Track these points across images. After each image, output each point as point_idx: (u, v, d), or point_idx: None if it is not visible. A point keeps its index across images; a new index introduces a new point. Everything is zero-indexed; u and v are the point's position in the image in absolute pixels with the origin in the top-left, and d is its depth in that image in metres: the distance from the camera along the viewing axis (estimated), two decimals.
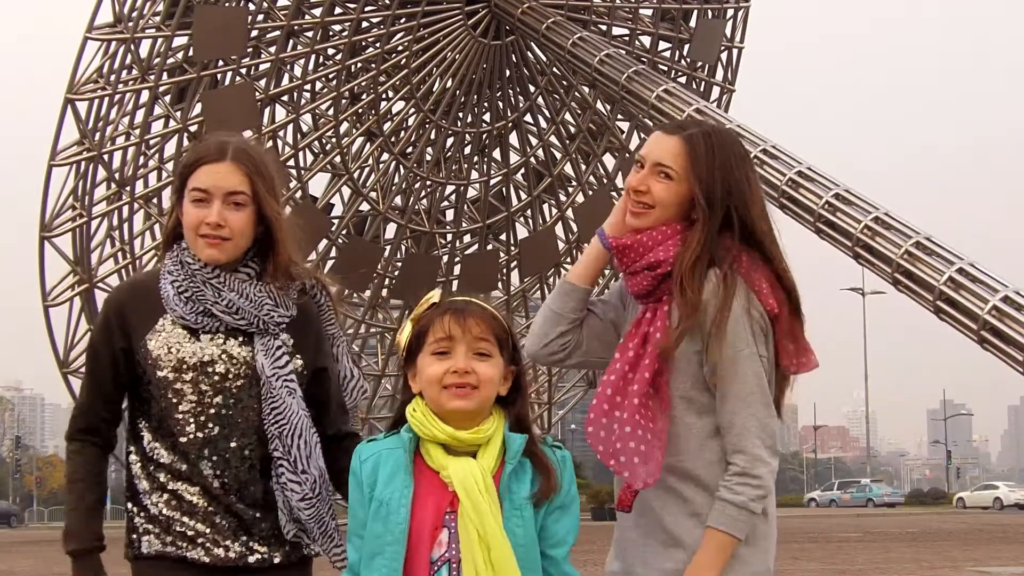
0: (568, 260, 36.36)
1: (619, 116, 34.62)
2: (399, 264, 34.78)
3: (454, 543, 2.69)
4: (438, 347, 2.75)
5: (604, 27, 33.21)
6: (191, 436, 3.09)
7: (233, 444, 3.11)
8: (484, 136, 34.07)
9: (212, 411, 3.10)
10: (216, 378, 3.11)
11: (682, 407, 3.08)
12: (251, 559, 3.09)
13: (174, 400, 3.09)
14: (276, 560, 3.13)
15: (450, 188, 35.57)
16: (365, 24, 31.47)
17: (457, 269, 35.26)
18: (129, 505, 3.15)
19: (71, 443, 3.20)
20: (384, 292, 34.92)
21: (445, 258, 35.32)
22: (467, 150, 34.79)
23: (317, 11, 31.13)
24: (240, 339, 3.14)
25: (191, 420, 3.09)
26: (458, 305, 2.79)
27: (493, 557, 2.65)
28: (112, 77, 30.88)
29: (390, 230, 35.12)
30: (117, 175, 31.60)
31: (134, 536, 3.13)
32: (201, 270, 3.12)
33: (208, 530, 3.06)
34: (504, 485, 2.72)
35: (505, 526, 2.68)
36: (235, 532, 3.08)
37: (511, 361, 2.83)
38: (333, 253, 33.03)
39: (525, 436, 2.77)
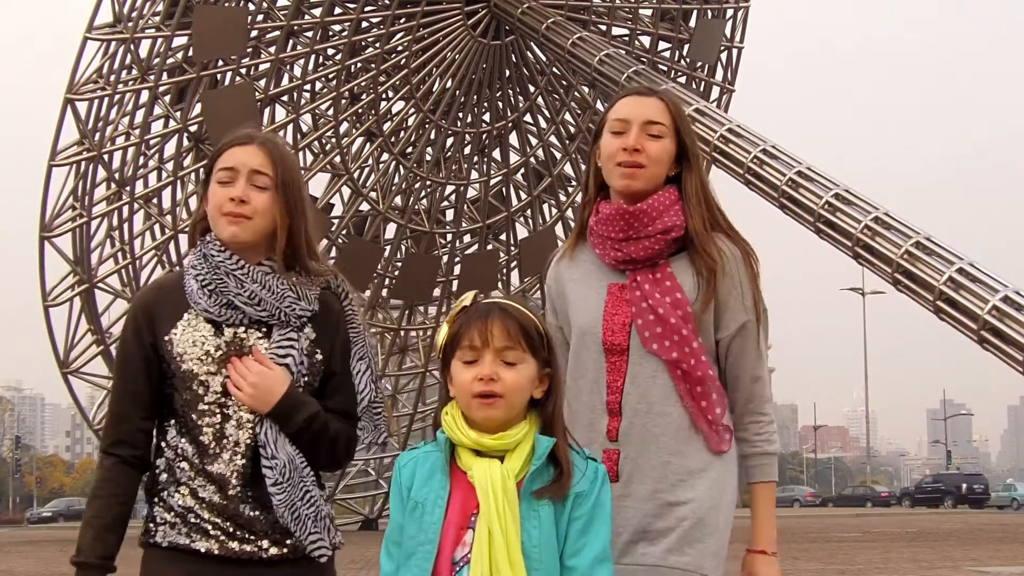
0: None
1: None
2: (399, 264, 34.78)
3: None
4: (466, 355, 2.79)
5: (604, 27, 33.21)
6: (217, 426, 3.11)
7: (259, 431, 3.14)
8: (484, 136, 34.06)
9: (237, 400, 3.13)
10: None
11: None
12: (265, 554, 3.09)
13: (200, 392, 3.12)
14: (286, 553, 3.11)
15: (450, 188, 35.54)
16: (365, 24, 31.47)
17: (457, 269, 35.24)
18: (150, 497, 3.17)
19: (102, 456, 3.20)
20: (384, 292, 34.92)
21: (445, 258, 35.30)
22: (467, 150, 34.77)
23: (317, 11, 31.11)
24: (261, 331, 3.17)
25: (217, 411, 3.11)
26: (485, 311, 2.81)
27: (502, 558, 2.65)
28: (112, 77, 30.88)
29: (390, 230, 35.11)
30: (117, 175, 31.61)
31: (151, 526, 3.14)
32: (225, 261, 3.15)
33: (222, 522, 3.07)
34: (525, 486, 2.73)
35: (521, 526, 2.69)
36: (248, 526, 3.08)
37: (545, 363, 2.83)
38: (333, 253, 33.02)
39: (552, 440, 2.77)
